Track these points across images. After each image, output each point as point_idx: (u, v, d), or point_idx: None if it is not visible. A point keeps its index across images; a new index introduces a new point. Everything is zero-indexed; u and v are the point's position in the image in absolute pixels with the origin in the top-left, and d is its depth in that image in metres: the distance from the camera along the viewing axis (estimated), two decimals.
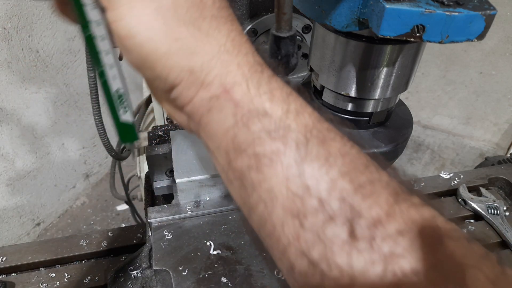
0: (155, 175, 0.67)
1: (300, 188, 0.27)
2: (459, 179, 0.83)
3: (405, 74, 0.53)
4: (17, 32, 1.51)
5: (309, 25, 0.73)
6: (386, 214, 0.26)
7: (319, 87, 0.59)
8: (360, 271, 0.25)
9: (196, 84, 0.29)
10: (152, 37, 0.27)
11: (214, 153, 0.32)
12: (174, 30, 0.27)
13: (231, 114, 0.29)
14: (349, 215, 0.26)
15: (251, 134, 0.28)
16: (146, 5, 0.26)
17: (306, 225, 0.27)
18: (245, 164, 0.29)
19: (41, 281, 0.63)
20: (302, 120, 0.29)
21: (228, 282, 0.48)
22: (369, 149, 0.58)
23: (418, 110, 1.87)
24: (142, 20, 0.26)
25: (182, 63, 0.28)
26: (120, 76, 0.36)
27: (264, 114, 0.28)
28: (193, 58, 0.28)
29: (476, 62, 1.64)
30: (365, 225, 0.26)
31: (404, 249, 0.25)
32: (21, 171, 1.75)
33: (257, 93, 0.29)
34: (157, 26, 0.27)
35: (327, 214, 0.27)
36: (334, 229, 0.26)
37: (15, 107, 1.61)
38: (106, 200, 2.14)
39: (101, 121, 0.99)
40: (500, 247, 0.74)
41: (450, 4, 0.39)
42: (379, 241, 0.26)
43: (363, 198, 0.27)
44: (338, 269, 0.26)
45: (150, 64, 0.28)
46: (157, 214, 0.56)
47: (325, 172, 0.27)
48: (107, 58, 0.34)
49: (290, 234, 0.28)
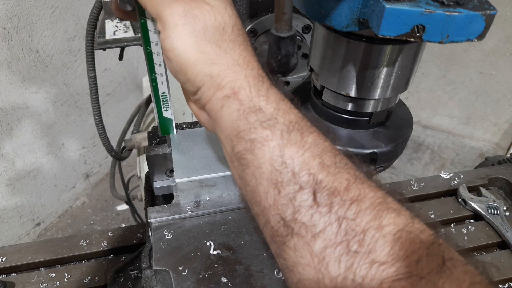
0: (155, 175, 0.67)
1: (280, 165, 0.36)
2: (459, 179, 0.83)
3: (405, 74, 0.53)
4: (17, 32, 1.51)
5: (309, 25, 0.73)
6: (345, 188, 0.34)
7: (319, 87, 0.59)
8: (320, 228, 0.33)
9: (214, 86, 0.39)
10: (186, 50, 0.38)
11: (223, 142, 0.41)
12: (201, 46, 0.38)
13: (236, 110, 0.38)
14: (314, 186, 0.35)
15: (249, 124, 0.37)
16: (185, 29, 0.38)
17: (282, 192, 0.35)
18: (243, 147, 0.38)
19: (41, 281, 0.63)
20: (287, 117, 0.38)
21: (228, 282, 0.48)
22: (369, 149, 0.58)
23: (418, 110, 1.87)
24: (180, 39, 0.38)
25: (205, 69, 0.38)
26: (166, 83, 0.51)
27: (259, 110, 0.37)
28: (213, 66, 0.38)
29: (476, 62, 1.64)
30: (326, 194, 0.34)
31: (354, 213, 0.33)
32: (21, 171, 1.75)
33: (256, 95, 0.38)
34: (190, 43, 0.38)
35: (298, 184, 0.35)
36: (302, 196, 0.34)
37: (15, 107, 1.61)
38: (106, 200, 2.14)
39: (101, 121, 0.99)
40: (500, 247, 0.74)
41: (450, 4, 0.39)
42: (336, 206, 0.34)
43: (327, 175, 0.35)
44: (304, 227, 0.34)
45: (184, 69, 0.39)
46: (157, 214, 0.56)
47: (300, 154, 0.36)
48: (159, 68, 0.49)
49: (271, 200, 0.36)
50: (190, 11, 0.38)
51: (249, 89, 0.38)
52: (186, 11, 0.38)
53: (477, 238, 0.73)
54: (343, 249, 0.32)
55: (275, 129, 0.37)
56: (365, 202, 0.34)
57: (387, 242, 0.32)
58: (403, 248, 0.31)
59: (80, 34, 1.77)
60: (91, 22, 0.82)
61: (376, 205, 0.34)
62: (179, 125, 0.68)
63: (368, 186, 0.35)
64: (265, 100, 0.38)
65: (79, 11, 1.73)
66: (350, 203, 0.34)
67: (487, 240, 0.73)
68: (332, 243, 0.33)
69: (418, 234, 0.32)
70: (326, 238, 0.33)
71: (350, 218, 0.33)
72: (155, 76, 0.53)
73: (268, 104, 0.38)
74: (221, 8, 0.39)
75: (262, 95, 0.38)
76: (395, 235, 0.32)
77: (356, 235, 0.32)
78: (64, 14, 1.67)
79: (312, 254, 0.33)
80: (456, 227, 0.75)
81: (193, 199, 0.59)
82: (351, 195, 0.34)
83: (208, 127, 0.45)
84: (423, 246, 0.32)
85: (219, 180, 0.58)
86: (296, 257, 0.35)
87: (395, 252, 0.31)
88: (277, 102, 0.38)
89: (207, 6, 0.39)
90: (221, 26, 0.39)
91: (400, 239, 0.32)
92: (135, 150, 1.35)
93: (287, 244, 0.35)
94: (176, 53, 0.38)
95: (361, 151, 0.58)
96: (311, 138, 0.37)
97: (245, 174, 0.38)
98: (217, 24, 0.39)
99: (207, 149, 0.61)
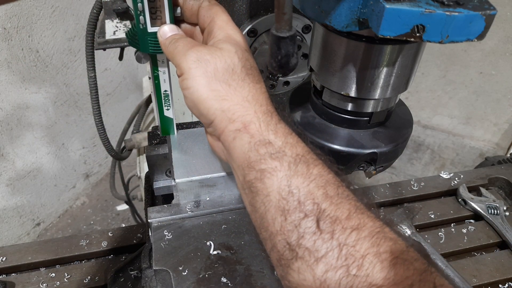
0: (155, 175, 0.67)
1: (287, 194, 0.39)
2: (459, 179, 0.83)
3: (405, 74, 0.53)
4: (17, 32, 1.51)
5: (309, 25, 0.73)
6: (346, 217, 0.37)
7: (319, 87, 0.59)
8: (323, 253, 0.36)
9: (225, 120, 0.43)
10: (198, 89, 0.44)
11: (236, 171, 0.45)
12: (212, 85, 0.44)
13: (247, 142, 0.42)
14: (318, 214, 0.38)
15: (259, 155, 0.41)
16: (197, 71, 0.44)
17: (289, 219, 0.38)
18: (254, 176, 0.41)
19: (41, 281, 0.63)
20: (295, 150, 0.41)
21: (228, 282, 0.48)
22: (369, 149, 0.58)
23: (418, 110, 1.87)
24: (194, 79, 0.44)
25: (215, 105, 0.43)
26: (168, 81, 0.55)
27: (269, 143, 0.41)
28: (223, 102, 0.43)
29: (476, 62, 1.64)
30: (328, 222, 0.37)
31: (354, 240, 0.36)
32: (21, 171, 1.75)
33: (266, 129, 0.42)
34: (202, 83, 0.44)
35: (303, 212, 0.38)
36: (306, 223, 0.37)
37: (15, 107, 1.61)
38: (106, 200, 2.14)
39: (101, 121, 0.99)
40: (500, 247, 0.74)
41: (450, 4, 0.39)
42: (338, 233, 0.37)
43: (330, 204, 0.38)
44: (308, 251, 0.37)
45: (197, 105, 0.44)
46: (157, 214, 0.56)
47: (306, 185, 0.39)
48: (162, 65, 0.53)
49: (278, 226, 0.39)
50: (202, 56, 0.44)
51: (258, 124, 0.42)
52: (199, 57, 0.44)
53: (477, 238, 0.73)
54: (343, 272, 0.35)
55: (283, 161, 0.40)
56: (365, 231, 0.37)
57: (384, 268, 0.35)
58: (398, 273, 0.34)
59: (80, 34, 1.77)
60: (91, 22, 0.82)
61: (374, 234, 0.37)
62: (179, 125, 0.68)
63: (368, 216, 0.38)
64: (274, 134, 0.42)
65: (79, 11, 1.73)
66: (351, 231, 0.37)
67: (487, 240, 0.73)
68: (333, 267, 0.36)
69: (412, 262, 0.35)
70: (328, 262, 0.36)
71: (350, 244, 0.36)
72: (158, 73, 0.53)
73: (277, 138, 0.42)
74: (231, 52, 0.45)
75: (271, 129, 0.42)
76: (391, 261, 0.35)
77: (355, 260, 0.35)
78: (64, 14, 1.67)
79: (315, 276, 0.36)
80: (456, 227, 0.75)
81: (193, 199, 0.59)
82: (351, 224, 0.37)
83: (223, 156, 0.49)
84: (416, 272, 0.34)
85: (219, 180, 0.58)
86: (299, 279, 0.37)
87: (390, 277, 0.34)
88: (285, 136, 0.42)
89: (218, 52, 0.45)
90: (231, 67, 0.44)
91: (396, 265, 0.35)
92: (135, 150, 1.35)
93: (291, 267, 0.38)
94: (190, 91, 0.44)
95: (361, 151, 0.58)
96: (316, 170, 0.40)
97: (255, 202, 0.42)
98: (227, 66, 0.44)
99: (207, 149, 0.61)
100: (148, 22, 0.47)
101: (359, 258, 0.35)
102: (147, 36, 0.48)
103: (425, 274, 0.35)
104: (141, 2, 0.45)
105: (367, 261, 0.35)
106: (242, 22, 0.71)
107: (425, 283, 0.34)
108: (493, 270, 0.68)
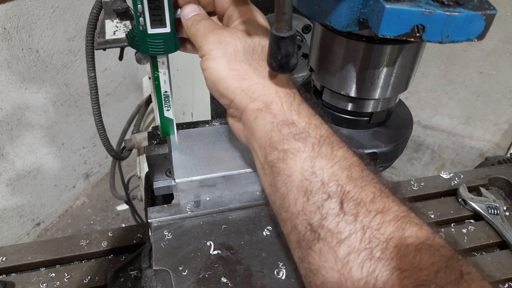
0: (155, 175, 0.67)
1: (311, 174, 0.39)
2: (459, 179, 0.83)
3: (405, 74, 0.53)
4: (17, 32, 1.51)
5: (309, 25, 0.73)
6: (370, 200, 0.37)
7: (319, 87, 0.59)
8: (346, 235, 0.36)
9: (246, 99, 0.43)
10: (218, 68, 0.44)
11: (256, 151, 0.45)
12: (232, 65, 0.43)
13: (270, 122, 0.42)
14: (341, 196, 0.37)
15: (282, 136, 0.41)
16: (217, 52, 0.44)
17: (311, 200, 0.38)
18: (276, 156, 0.41)
19: (41, 281, 0.63)
20: (319, 131, 0.41)
21: (228, 282, 0.48)
22: (369, 149, 0.58)
23: (418, 110, 1.87)
24: (214, 60, 0.44)
25: (234, 84, 0.43)
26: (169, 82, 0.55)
27: (292, 123, 0.41)
28: (243, 81, 0.43)
29: (476, 62, 1.64)
30: (352, 204, 0.36)
31: (379, 224, 0.35)
32: (21, 171, 1.75)
33: (289, 110, 0.42)
34: (222, 63, 0.44)
35: (327, 193, 0.37)
36: (330, 204, 0.37)
37: (15, 107, 1.61)
38: (106, 200, 2.14)
39: (101, 121, 0.99)
40: (500, 247, 0.74)
41: (450, 4, 0.39)
42: (361, 216, 0.36)
43: (354, 187, 0.37)
44: (330, 233, 0.36)
45: (217, 85, 0.44)
46: (157, 214, 0.56)
47: (330, 166, 0.39)
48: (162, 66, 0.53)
49: (300, 206, 0.38)
50: (223, 38, 0.44)
51: (281, 104, 0.42)
52: (219, 39, 0.44)
53: (477, 238, 0.73)
54: (366, 255, 0.34)
55: (307, 142, 0.40)
56: (389, 214, 0.36)
57: (409, 252, 0.33)
58: (424, 258, 0.33)
59: (80, 34, 1.77)
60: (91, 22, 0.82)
61: (399, 218, 0.36)
62: (179, 125, 0.68)
63: (393, 200, 0.37)
64: (297, 115, 0.42)
65: (79, 11, 1.73)
66: (375, 214, 0.36)
67: (487, 240, 0.73)
68: (356, 249, 0.35)
69: (438, 248, 0.34)
70: (351, 244, 0.35)
71: (374, 227, 0.35)
72: (158, 75, 0.53)
73: (300, 118, 0.41)
74: (252, 32, 0.45)
75: (294, 109, 0.42)
76: (417, 246, 0.34)
77: (379, 243, 0.34)
78: (64, 14, 1.67)
79: (337, 258, 0.35)
80: (456, 227, 0.75)
81: (193, 199, 0.58)
82: (376, 207, 0.36)
83: (243, 138, 0.49)
84: (442, 259, 0.33)
85: (219, 180, 0.58)
86: (320, 261, 0.37)
87: (415, 262, 0.33)
88: (309, 117, 0.42)
89: (239, 33, 0.45)
90: (251, 47, 0.44)
91: (421, 250, 0.34)
92: (135, 150, 1.35)
93: (312, 248, 0.37)
94: (210, 71, 0.44)
95: (361, 151, 0.58)
96: (341, 153, 0.40)
97: (276, 182, 0.41)
98: (247, 46, 0.44)
99: (207, 149, 0.61)
100: (148, 24, 0.47)
101: (383, 242, 0.34)
102: (147, 38, 0.48)
103: (451, 261, 0.34)
104: (141, 4, 0.45)
105: (391, 244, 0.34)
106: None
107: (452, 270, 0.33)
108: (493, 270, 0.68)
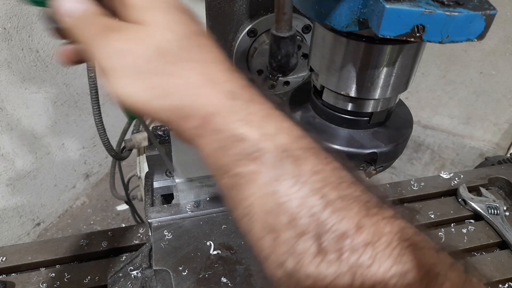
0: (155, 175, 0.67)
1: (274, 205, 0.30)
2: (459, 179, 0.83)
3: (405, 74, 0.53)
4: (17, 32, 1.51)
5: (309, 25, 0.73)
6: (356, 227, 0.29)
7: (319, 87, 0.59)
8: (330, 280, 0.28)
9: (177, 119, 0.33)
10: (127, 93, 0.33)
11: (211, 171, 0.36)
12: (144, 82, 0.32)
13: (214, 141, 0.32)
14: (317, 230, 0.29)
15: (230, 157, 0.31)
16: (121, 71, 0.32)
17: (280, 239, 0.30)
18: (228, 183, 0.32)
19: (41, 281, 0.63)
20: (277, 141, 0.31)
21: (228, 282, 0.48)
22: (369, 149, 0.58)
23: (418, 110, 1.87)
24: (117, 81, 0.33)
25: (157, 106, 0.32)
26: None
27: (241, 139, 0.31)
28: (167, 98, 0.32)
29: (476, 62, 1.64)
30: (332, 238, 0.28)
31: (370, 258, 0.28)
32: (21, 171, 1.74)
33: (234, 119, 0.31)
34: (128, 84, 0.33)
35: (298, 230, 0.29)
36: (304, 243, 0.29)
37: (15, 107, 1.61)
38: (106, 200, 2.14)
39: (101, 121, 0.99)
40: (500, 247, 0.74)
41: (450, 4, 0.39)
42: (347, 252, 0.28)
43: (332, 213, 0.29)
44: (311, 279, 0.29)
45: (137, 111, 0.34)
46: (157, 214, 0.56)
47: (296, 190, 0.30)
48: None
49: (268, 247, 0.30)
50: (120, 46, 0.33)
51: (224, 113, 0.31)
52: (116, 48, 0.33)
53: (477, 238, 0.73)
54: None
55: (263, 160, 0.30)
56: (382, 243, 0.28)
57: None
58: None
59: None
60: None
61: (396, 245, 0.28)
62: None
63: (383, 218, 0.30)
64: (246, 124, 0.31)
65: None
66: (364, 246, 0.28)
67: (487, 240, 0.73)
68: None
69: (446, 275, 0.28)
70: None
71: (365, 264, 0.28)
72: None
73: (252, 128, 0.31)
74: (159, 25, 0.33)
75: (240, 118, 0.31)
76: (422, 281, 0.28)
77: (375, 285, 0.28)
78: None
79: None
80: (456, 227, 0.75)
81: (193, 199, 0.58)
82: (363, 237, 0.28)
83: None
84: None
85: None
86: None
87: None
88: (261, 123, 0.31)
89: (142, 31, 0.33)
90: (165, 49, 0.32)
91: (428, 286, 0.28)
92: (135, 150, 1.35)
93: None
94: (121, 98, 0.34)
95: (361, 151, 0.58)
96: (308, 166, 0.30)
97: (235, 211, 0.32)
98: (158, 49, 0.33)
99: None
100: None
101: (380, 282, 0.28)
102: None
103: None
104: None
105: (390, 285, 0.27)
106: (242, 22, 0.71)
107: None
108: (493, 270, 0.68)
